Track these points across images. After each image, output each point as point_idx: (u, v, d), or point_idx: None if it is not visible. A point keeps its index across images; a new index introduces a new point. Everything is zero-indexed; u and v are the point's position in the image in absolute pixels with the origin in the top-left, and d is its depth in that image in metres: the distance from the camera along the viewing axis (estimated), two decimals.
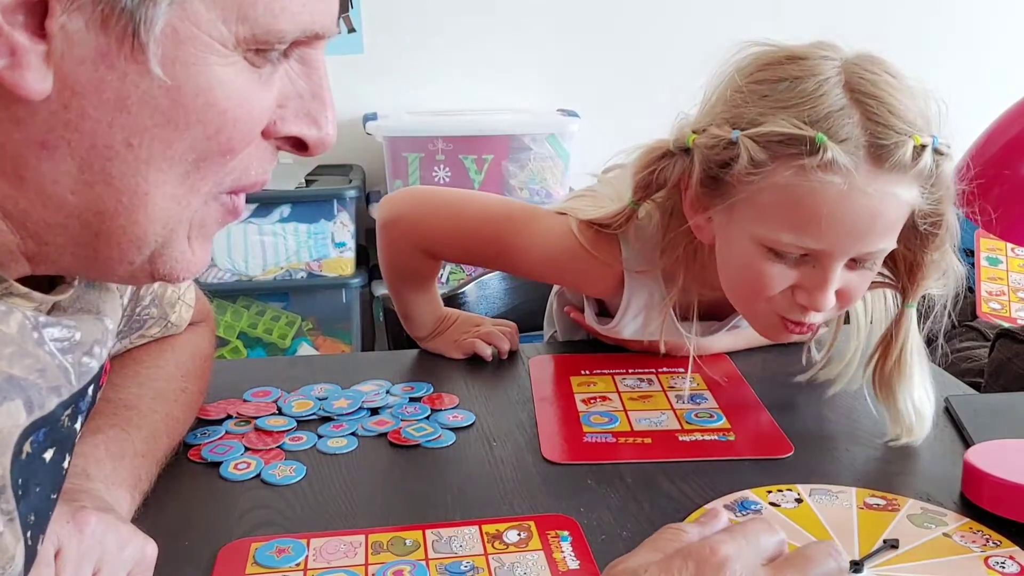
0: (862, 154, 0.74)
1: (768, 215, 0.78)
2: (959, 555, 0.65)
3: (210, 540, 0.67)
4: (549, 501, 0.72)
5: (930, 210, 0.79)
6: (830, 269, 0.78)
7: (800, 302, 0.81)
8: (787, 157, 0.75)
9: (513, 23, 2.36)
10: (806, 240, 0.77)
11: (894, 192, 0.76)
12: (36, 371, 0.46)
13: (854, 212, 0.75)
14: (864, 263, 0.80)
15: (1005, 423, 0.86)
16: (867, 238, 0.77)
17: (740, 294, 0.86)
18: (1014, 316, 1.79)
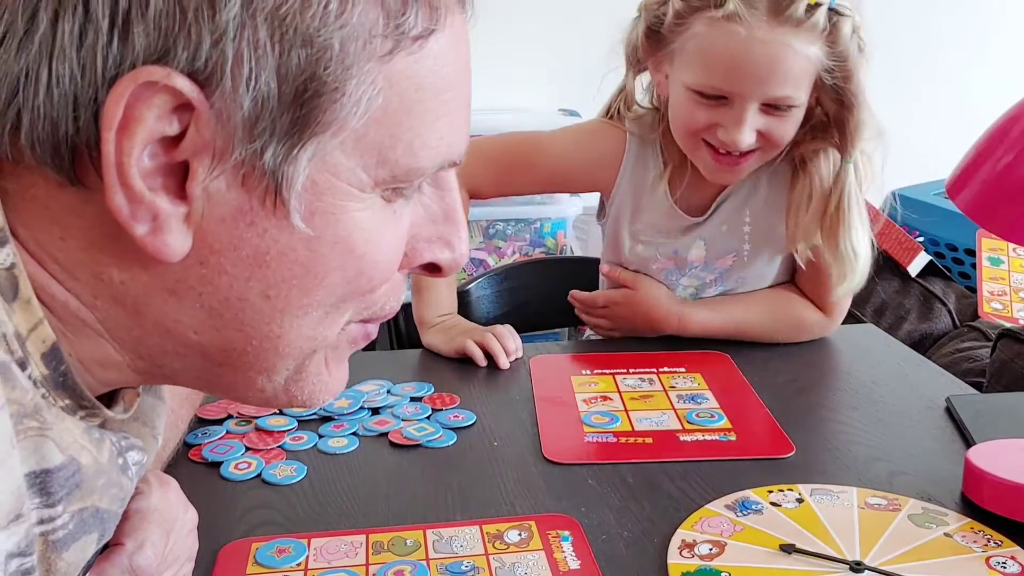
0: (762, 7, 0.89)
1: (690, 62, 0.95)
2: (960, 555, 0.65)
3: (210, 540, 0.67)
4: (550, 501, 0.72)
5: (834, 65, 0.92)
6: (742, 110, 0.93)
7: (720, 138, 0.95)
8: (700, 9, 0.93)
9: (513, 23, 2.36)
10: (716, 82, 0.93)
11: (790, 43, 0.90)
12: (119, 500, 0.45)
13: (754, 58, 0.90)
14: (778, 108, 0.94)
15: (1006, 423, 0.86)
16: (768, 83, 0.91)
17: (680, 134, 1.00)
18: (1016, 316, 1.79)
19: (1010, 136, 0.92)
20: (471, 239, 2.20)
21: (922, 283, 1.78)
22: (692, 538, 0.66)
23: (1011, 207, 0.90)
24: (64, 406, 0.41)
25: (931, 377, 0.99)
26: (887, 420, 0.88)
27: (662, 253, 1.08)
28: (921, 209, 2.13)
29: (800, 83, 0.93)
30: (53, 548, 0.40)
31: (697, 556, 0.64)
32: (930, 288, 1.77)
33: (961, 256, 2.03)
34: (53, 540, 0.40)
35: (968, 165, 0.93)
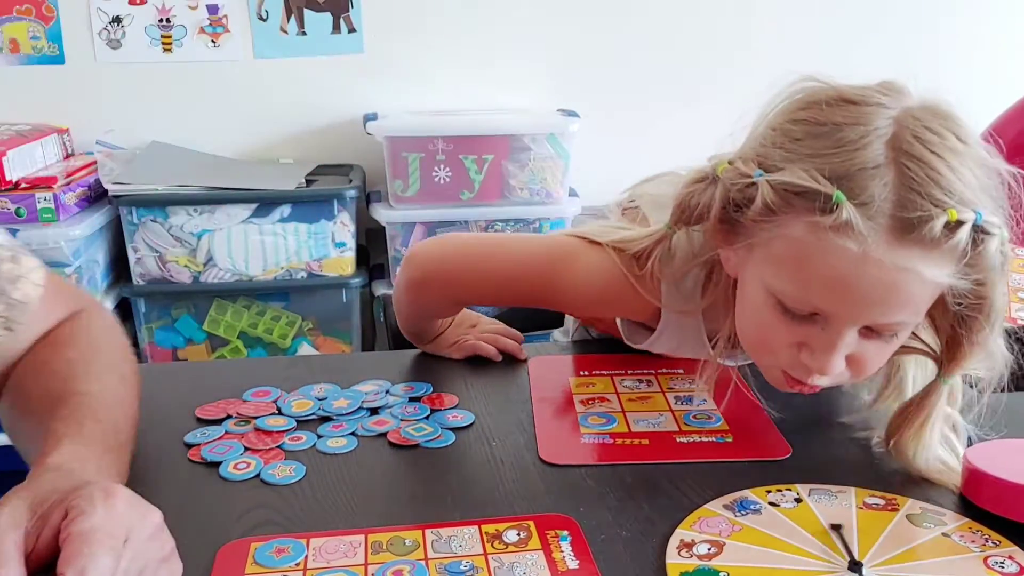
0: (884, 221, 0.68)
1: (778, 266, 0.73)
2: (958, 555, 0.65)
3: (210, 540, 0.67)
4: (549, 501, 0.73)
5: (968, 289, 0.71)
6: (838, 334, 0.73)
7: (804, 362, 0.75)
8: (801, 210, 0.70)
9: (513, 23, 2.36)
10: (811, 300, 0.72)
11: (916, 268, 0.68)
12: None
13: (866, 282, 0.69)
14: (881, 334, 0.74)
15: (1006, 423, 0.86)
16: (879, 310, 0.71)
17: (749, 339, 0.81)
18: (1015, 316, 1.79)
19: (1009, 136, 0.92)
20: None
21: None
22: (691, 538, 0.66)
23: None
24: None
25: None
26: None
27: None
28: None
29: (918, 309, 0.73)
30: None
31: (696, 556, 0.64)
32: None
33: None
34: None
35: None
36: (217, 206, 2.08)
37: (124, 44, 2.26)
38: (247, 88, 2.32)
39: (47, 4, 2.22)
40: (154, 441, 0.83)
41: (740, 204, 0.74)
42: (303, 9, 2.29)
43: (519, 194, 2.19)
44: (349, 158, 2.32)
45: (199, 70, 2.29)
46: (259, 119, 2.34)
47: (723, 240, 0.78)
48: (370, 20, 2.31)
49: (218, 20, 2.27)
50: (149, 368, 1.12)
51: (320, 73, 2.32)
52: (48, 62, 2.25)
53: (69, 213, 2.00)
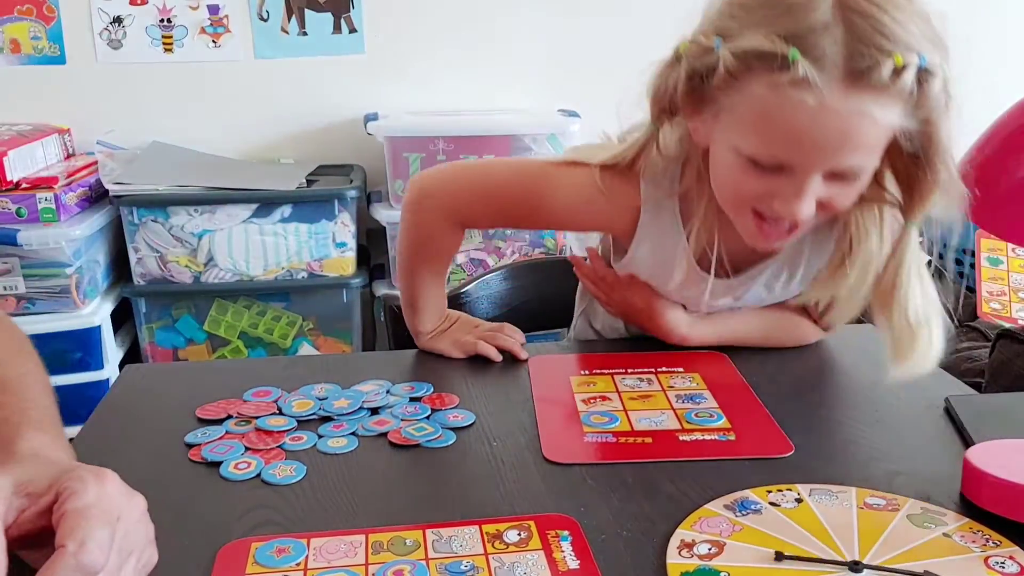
0: (837, 73, 0.74)
1: (744, 126, 0.81)
2: (959, 555, 0.65)
3: (210, 540, 0.67)
4: (549, 501, 0.73)
5: (916, 129, 0.78)
6: (804, 181, 0.80)
7: (776, 209, 0.83)
8: (761, 71, 0.77)
9: (514, 24, 2.36)
10: (777, 153, 0.79)
11: (868, 112, 0.75)
12: None
13: (825, 130, 0.76)
14: (844, 178, 0.81)
15: (1005, 423, 0.86)
16: (838, 155, 0.78)
17: (724, 197, 0.88)
18: (1015, 316, 1.79)
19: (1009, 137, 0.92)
20: (470, 239, 2.21)
21: None
22: (691, 538, 0.66)
23: (1010, 207, 0.90)
24: None
25: (930, 377, 0.99)
26: (886, 420, 0.88)
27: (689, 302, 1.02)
28: None
29: (874, 151, 0.80)
30: None
31: (696, 556, 0.64)
32: None
33: (960, 256, 2.03)
34: None
35: (967, 165, 0.93)
36: (218, 206, 2.08)
37: (125, 44, 2.26)
38: (248, 88, 2.32)
39: (48, 4, 2.22)
40: (155, 441, 0.83)
41: (704, 74, 0.81)
42: (304, 9, 2.29)
43: None
44: (350, 158, 2.32)
45: (200, 70, 2.29)
46: (260, 119, 2.34)
47: (692, 111, 0.85)
48: (371, 20, 2.31)
49: (219, 20, 2.27)
50: (149, 368, 1.12)
51: (321, 73, 2.32)
52: (49, 62, 2.25)
53: (70, 213, 2.00)
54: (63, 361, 1.97)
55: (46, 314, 1.98)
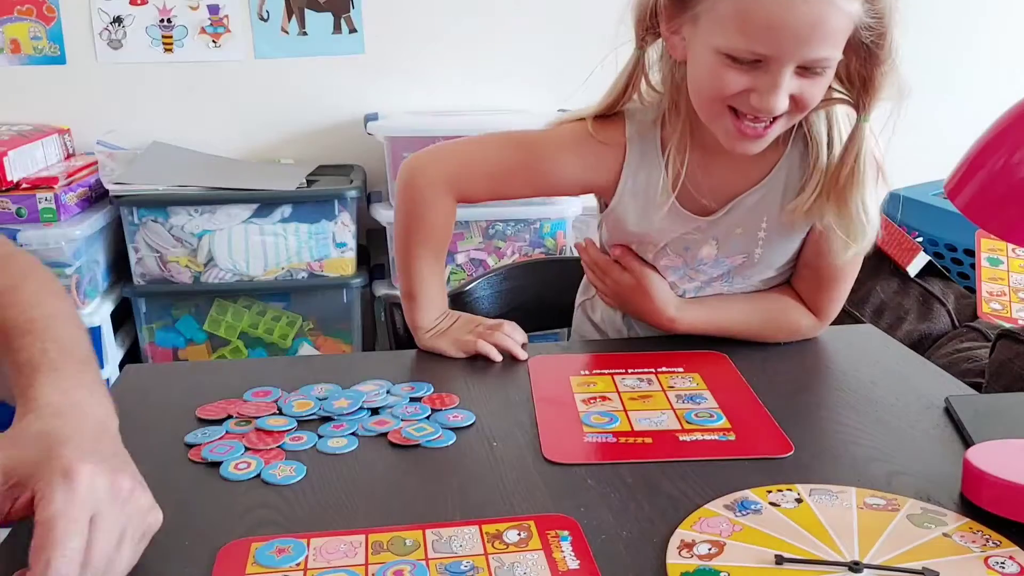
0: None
1: (724, 24, 0.88)
2: (959, 555, 0.65)
3: (210, 540, 0.67)
4: (549, 501, 0.73)
5: (872, 22, 0.88)
6: (779, 73, 0.87)
7: (753, 104, 0.89)
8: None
9: (513, 23, 2.36)
10: (755, 45, 0.87)
11: (833, 1, 0.85)
12: None
13: (797, 19, 0.85)
14: (813, 70, 0.89)
15: (1005, 423, 0.86)
16: (809, 44, 0.86)
17: (703, 100, 0.94)
18: (1015, 316, 1.79)
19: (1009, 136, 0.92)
20: (470, 239, 2.21)
21: (921, 283, 1.78)
22: (691, 538, 0.66)
23: (1010, 207, 0.90)
24: None
25: (930, 377, 0.99)
26: (886, 420, 0.88)
27: (671, 249, 1.06)
28: (920, 209, 2.13)
29: (838, 43, 0.88)
30: None
31: (696, 556, 0.64)
32: (929, 288, 1.77)
33: (960, 256, 2.03)
34: None
35: (967, 165, 0.93)
36: (218, 206, 2.08)
37: (125, 44, 2.26)
38: (248, 88, 2.32)
39: (48, 4, 2.22)
40: (155, 441, 0.83)
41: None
42: (304, 9, 2.29)
43: None
44: (350, 158, 2.32)
45: (200, 70, 2.29)
46: (260, 119, 2.34)
47: (672, 19, 0.94)
48: (371, 20, 2.31)
49: (219, 20, 2.27)
50: (149, 368, 1.13)
51: (321, 73, 2.32)
52: (49, 62, 2.25)
53: (70, 213, 2.00)
54: None
55: None
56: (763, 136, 0.94)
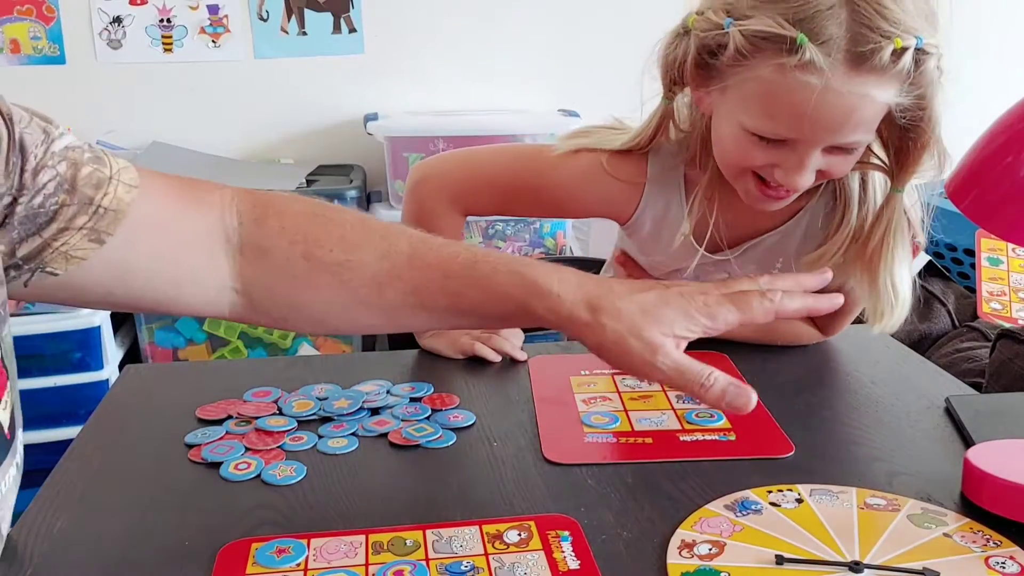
0: (841, 56, 0.79)
1: (750, 103, 0.85)
2: (959, 555, 0.65)
3: (210, 540, 0.67)
4: (549, 501, 0.72)
5: (910, 104, 0.84)
6: (805, 155, 0.86)
7: (778, 178, 0.88)
8: (770, 52, 0.81)
9: (513, 23, 2.36)
10: (781, 130, 0.85)
11: (869, 92, 0.81)
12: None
13: (828, 109, 0.81)
14: (843, 151, 0.87)
15: (1006, 423, 0.86)
16: (840, 132, 0.84)
17: (726, 164, 0.93)
18: (1015, 316, 1.79)
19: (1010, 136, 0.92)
20: (470, 239, 2.21)
21: (921, 283, 1.78)
22: (691, 538, 0.66)
23: (1011, 207, 0.90)
24: None
25: (930, 377, 0.99)
26: (886, 420, 0.88)
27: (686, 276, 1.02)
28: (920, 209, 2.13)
29: (872, 126, 0.86)
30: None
31: (696, 556, 0.64)
32: (929, 288, 1.77)
33: (960, 256, 2.03)
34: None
35: (968, 165, 0.93)
36: None
37: (125, 44, 2.26)
38: (247, 88, 2.32)
39: (48, 4, 2.22)
40: (155, 441, 0.83)
41: (713, 50, 0.85)
42: (303, 9, 2.29)
43: None
44: (349, 158, 2.32)
45: (200, 70, 2.29)
46: (260, 119, 2.34)
47: (699, 84, 0.90)
48: (370, 20, 2.31)
49: (218, 20, 2.27)
50: (149, 368, 1.12)
51: (320, 73, 2.32)
52: (49, 62, 2.25)
53: None
54: (63, 361, 1.97)
55: (46, 314, 1.98)
56: (785, 198, 0.92)
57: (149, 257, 0.70)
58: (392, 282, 0.73)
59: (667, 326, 0.70)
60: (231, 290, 0.73)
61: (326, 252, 0.72)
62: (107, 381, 2.01)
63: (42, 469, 0.78)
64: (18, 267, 0.64)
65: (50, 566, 0.65)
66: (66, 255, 0.65)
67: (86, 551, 0.67)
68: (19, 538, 0.67)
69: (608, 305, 0.70)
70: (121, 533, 0.69)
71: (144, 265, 0.70)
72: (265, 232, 0.73)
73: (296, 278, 0.73)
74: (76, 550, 0.67)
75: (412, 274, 0.73)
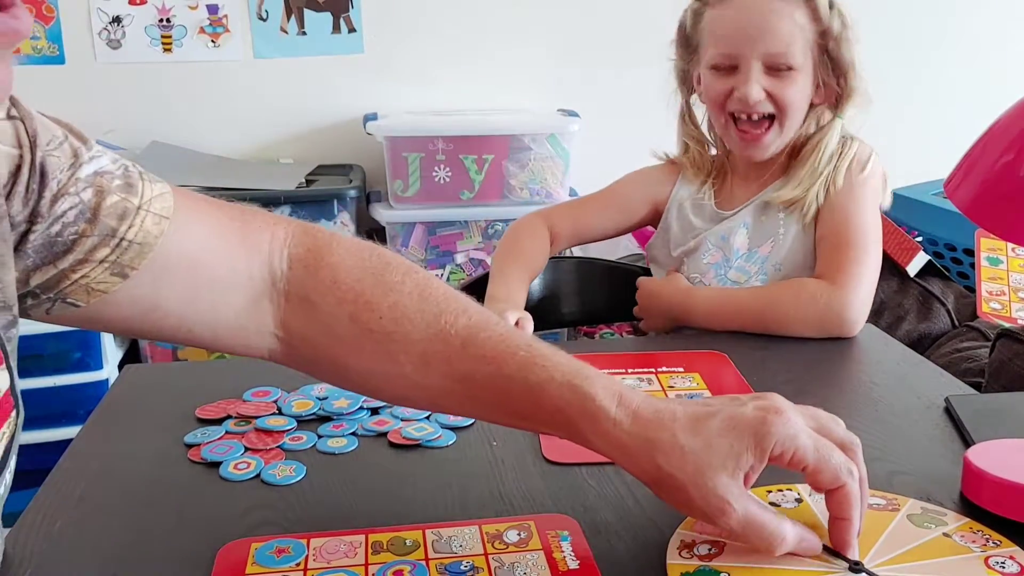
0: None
1: (706, 45, 1.18)
2: (959, 555, 0.65)
3: (210, 540, 0.67)
4: (549, 501, 0.73)
5: (820, 32, 1.14)
6: (748, 69, 1.14)
7: (737, 98, 1.15)
8: (707, 4, 1.18)
9: (513, 23, 2.36)
10: (723, 49, 1.15)
11: (775, 8, 1.12)
12: None
13: (748, 22, 1.13)
14: (777, 68, 1.14)
15: (1005, 423, 0.86)
16: (763, 40, 1.13)
17: (712, 116, 1.22)
18: (1014, 316, 1.79)
19: (1009, 136, 0.92)
20: (470, 239, 2.21)
21: (921, 283, 1.78)
22: (691, 538, 0.66)
23: (1010, 207, 0.90)
24: None
25: (930, 377, 0.99)
26: (886, 420, 0.88)
27: (712, 242, 1.22)
28: (920, 209, 2.13)
29: (792, 43, 1.13)
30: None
31: (696, 556, 0.64)
32: (929, 288, 1.77)
33: (960, 256, 2.03)
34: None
35: (967, 165, 0.93)
36: None
37: (124, 44, 2.26)
38: (247, 88, 2.32)
39: (47, 4, 2.22)
40: (154, 441, 0.83)
41: (686, 26, 1.22)
42: (303, 9, 2.29)
43: (519, 194, 2.19)
44: (349, 158, 2.32)
45: (199, 70, 2.29)
46: (259, 119, 2.34)
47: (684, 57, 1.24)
48: (370, 20, 2.31)
49: (218, 20, 2.27)
50: (149, 368, 1.12)
51: (320, 73, 2.32)
52: (48, 62, 2.24)
53: None
54: (63, 361, 1.97)
55: None
56: (762, 139, 1.17)
57: (181, 295, 0.65)
58: (440, 366, 0.66)
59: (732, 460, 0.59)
60: (272, 335, 0.69)
61: (375, 319, 0.66)
62: (107, 381, 2.01)
63: (42, 469, 0.78)
64: (35, 295, 0.61)
65: (50, 566, 0.65)
66: (87, 288, 0.62)
67: (86, 551, 0.67)
68: (19, 538, 0.67)
69: (666, 439, 0.61)
70: (121, 533, 0.69)
71: (175, 304, 0.65)
72: (315, 284, 0.68)
73: (340, 339, 0.67)
74: (76, 550, 0.67)
75: (463, 363, 0.66)
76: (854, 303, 1.09)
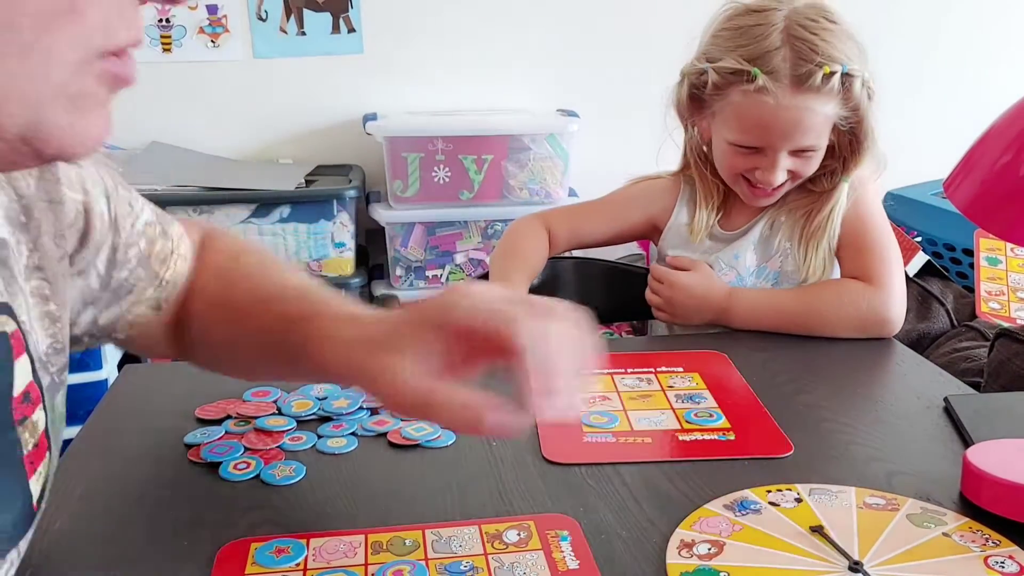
0: (786, 81, 1.08)
1: (729, 123, 1.14)
2: (959, 555, 0.65)
3: (210, 540, 0.67)
4: (549, 501, 0.73)
5: (848, 114, 1.12)
6: (774, 158, 1.12)
7: (758, 178, 1.15)
8: (736, 83, 1.11)
9: (513, 23, 2.36)
10: (752, 140, 1.12)
11: (810, 107, 1.09)
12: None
13: (781, 122, 1.10)
14: (803, 153, 1.13)
15: (1005, 423, 0.86)
16: (793, 138, 1.11)
17: (723, 172, 1.20)
18: (1013, 316, 1.79)
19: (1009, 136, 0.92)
20: (469, 239, 2.21)
21: (920, 283, 1.78)
22: (691, 538, 0.66)
23: (1009, 207, 0.90)
24: None
25: (929, 377, 1.00)
26: (885, 420, 0.88)
27: (725, 262, 1.20)
28: (919, 209, 2.13)
29: (821, 134, 1.12)
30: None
31: (696, 556, 0.64)
32: (928, 288, 1.77)
33: (959, 256, 2.03)
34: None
35: (966, 165, 0.93)
36: (216, 206, 2.07)
37: None
38: (247, 88, 2.32)
39: None
40: (154, 441, 0.83)
41: (699, 87, 1.16)
42: (302, 9, 2.29)
43: (519, 194, 2.19)
44: (349, 158, 2.32)
45: (199, 70, 2.29)
46: (259, 119, 2.34)
47: (696, 114, 1.19)
48: (370, 20, 2.31)
49: (217, 20, 2.27)
50: (148, 368, 1.12)
51: (320, 73, 2.32)
52: None
53: None
54: None
55: None
56: (773, 195, 1.18)
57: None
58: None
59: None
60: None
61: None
62: (106, 381, 2.01)
63: None
64: (93, 336, 0.71)
65: (50, 566, 0.65)
66: (131, 323, 0.72)
67: (86, 551, 0.67)
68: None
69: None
70: (121, 533, 0.69)
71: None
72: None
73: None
74: (76, 550, 0.67)
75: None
76: (895, 303, 1.12)
